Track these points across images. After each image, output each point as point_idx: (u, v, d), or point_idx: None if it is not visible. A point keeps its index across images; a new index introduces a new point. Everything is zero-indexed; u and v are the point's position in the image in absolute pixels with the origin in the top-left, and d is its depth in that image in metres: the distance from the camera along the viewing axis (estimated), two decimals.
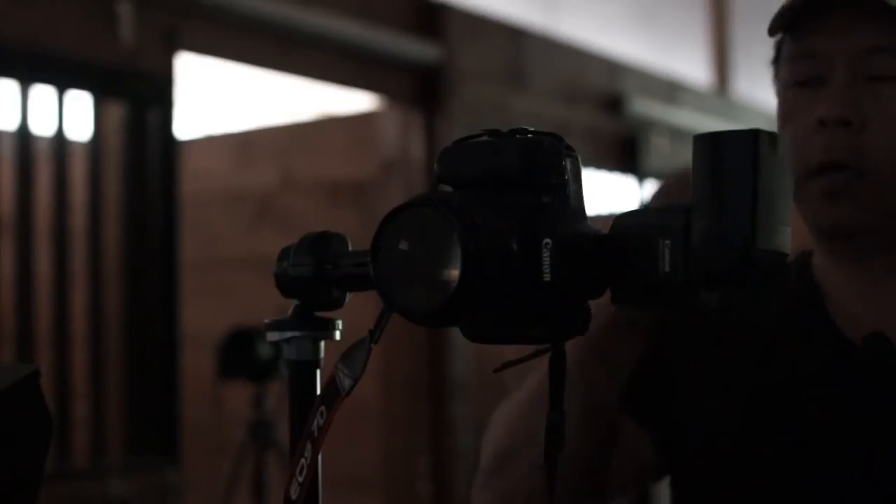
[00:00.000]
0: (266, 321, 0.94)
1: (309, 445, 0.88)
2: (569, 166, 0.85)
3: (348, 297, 0.94)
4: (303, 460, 0.89)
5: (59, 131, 3.73)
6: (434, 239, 0.79)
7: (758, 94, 6.64)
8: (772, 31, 1.19)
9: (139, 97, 3.91)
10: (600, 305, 0.84)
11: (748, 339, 1.24)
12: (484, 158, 0.85)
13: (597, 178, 6.07)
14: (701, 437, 1.23)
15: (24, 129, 3.63)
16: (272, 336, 0.93)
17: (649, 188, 6.39)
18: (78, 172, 3.89)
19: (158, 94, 3.93)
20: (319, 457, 0.89)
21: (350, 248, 0.93)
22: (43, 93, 3.68)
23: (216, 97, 5.84)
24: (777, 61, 1.23)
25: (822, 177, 1.15)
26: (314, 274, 0.91)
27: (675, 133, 6.41)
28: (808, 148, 1.15)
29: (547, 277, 0.82)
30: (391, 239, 0.81)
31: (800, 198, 1.17)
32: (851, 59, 1.14)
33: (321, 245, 0.92)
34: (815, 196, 1.16)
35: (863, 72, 1.14)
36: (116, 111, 3.93)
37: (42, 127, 3.77)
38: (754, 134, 0.82)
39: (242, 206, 5.85)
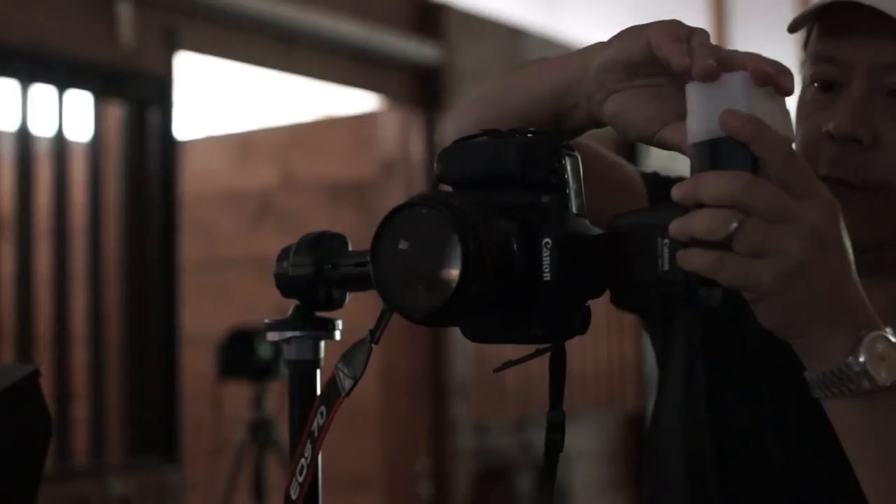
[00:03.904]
0: (266, 321, 0.94)
1: (309, 445, 0.88)
2: (569, 166, 0.85)
3: (348, 297, 0.94)
4: (303, 460, 0.89)
5: (59, 131, 3.73)
6: (434, 239, 0.79)
7: None
8: (792, 29, 1.16)
9: (139, 97, 3.90)
10: None
11: (754, 342, 1.22)
12: (484, 158, 0.85)
13: None
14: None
15: (24, 129, 3.62)
16: (272, 336, 0.93)
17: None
18: (78, 172, 3.89)
19: (158, 94, 3.93)
20: (319, 457, 0.89)
21: (350, 248, 0.93)
22: (43, 93, 3.68)
23: (216, 97, 5.83)
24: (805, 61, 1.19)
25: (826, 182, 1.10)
26: (314, 274, 0.91)
27: None
28: (815, 155, 1.12)
29: (547, 277, 0.82)
30: (391, 239, 0.81)
31: None
32: (871, 72, 1.10)
33: (321, 245, 0.92)
34: None
35: (882, 86, 1.10)
36: (116, 111, 3.93)
37: (42, 127, 3.77)
38: None
39: (242, 206, 5.85)
